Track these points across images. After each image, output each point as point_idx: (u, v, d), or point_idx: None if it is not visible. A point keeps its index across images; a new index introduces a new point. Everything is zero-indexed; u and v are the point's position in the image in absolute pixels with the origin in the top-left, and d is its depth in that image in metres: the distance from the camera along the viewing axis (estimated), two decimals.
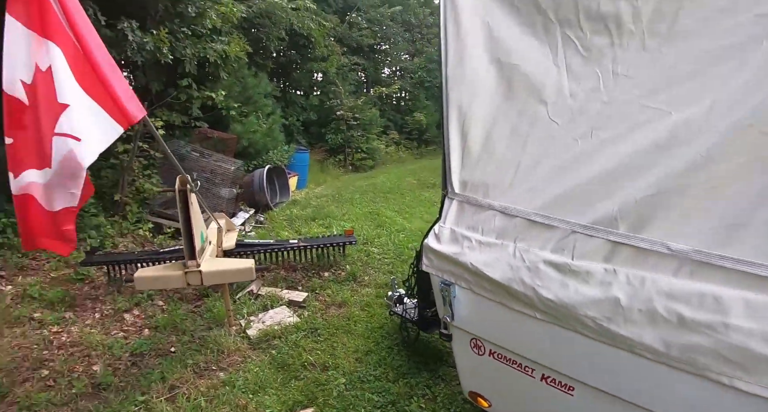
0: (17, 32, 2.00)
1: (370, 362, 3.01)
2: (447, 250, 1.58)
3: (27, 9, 2.04)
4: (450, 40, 1.60)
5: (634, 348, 1.11)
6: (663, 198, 1.08)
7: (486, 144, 1.54)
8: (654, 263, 1.09)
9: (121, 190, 5.88)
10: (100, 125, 2.31)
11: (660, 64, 1.16)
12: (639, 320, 1.08)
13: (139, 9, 5.93)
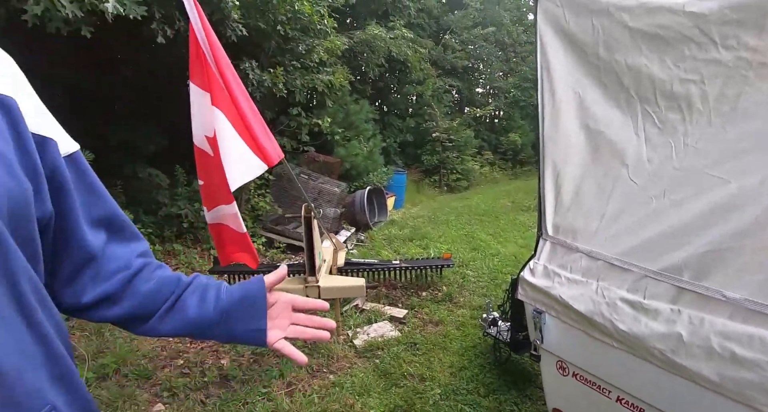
0: (198, 95, 2.54)
1: (464, 377, 3.30)
2: (540, 283, 1.87)
3: (201, 75, 2.58)
4: (546, 106, 1.90)
5: (693, 378, 1.34)
6: (720, 254, 1.31)
7: (576, 196, 1.82)
8: (712, 307, 1.32)
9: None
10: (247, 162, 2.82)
11: (723, 140, 1.40)
12: (698, 354, 1.32)
13: (255, 48, 6.65)
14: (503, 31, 18.43)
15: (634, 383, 1.63)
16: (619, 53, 1.64)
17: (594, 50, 1.73)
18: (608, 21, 1.66)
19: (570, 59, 1.85)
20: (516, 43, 19.36)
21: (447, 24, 17.11)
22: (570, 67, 1.84)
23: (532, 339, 2.09)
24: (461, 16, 17.11)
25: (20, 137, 0.72)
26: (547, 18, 1.93)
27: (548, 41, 1.92)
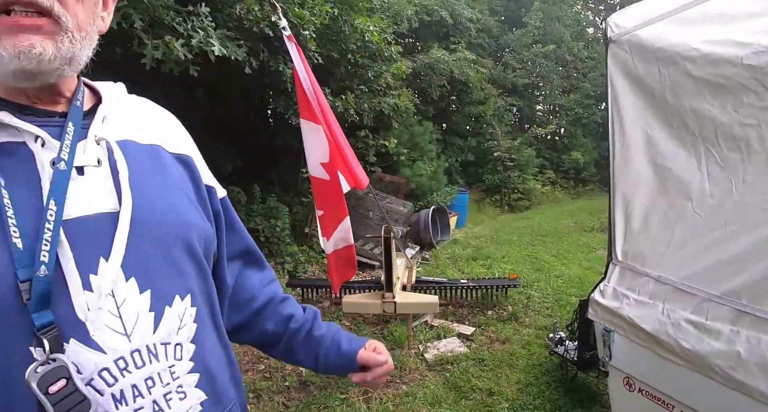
0: (308, 128, 2.88)
1: (531, 393, 3.44)
2: (609, 304, 2.05)
3: (308, 110, 2.92)
4: (617, 143, 2.10)
5: (750, 393, 1.49)
6: None
7: (644, 225, 2.00)
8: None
9: (310, 224, 7.01)
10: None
11: None
12: (755, 371, 1.46)
13: (326, 75, 7.06)
14: (563, 47, 18.29)
15: (696, 398, 1.78)
16: (684, 98, 1.83)
17: (661, 94, 1.92)
18: (674, 69, 1.85)
19: (638, 101, 2.04)
20: (577, 60, 19.13)
21: (507, 43, 17.24)
22: (639, 108, 2.04)
23: (601, 356, 2.26)
24: (521, 35, 17.20)
25: (199, 188, 0.91)
26: (617, 62, 2.13)
27: (618, 83, 2.12)
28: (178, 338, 0.76)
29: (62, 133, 0.73)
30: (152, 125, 0.89)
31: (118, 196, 0.73)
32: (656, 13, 2.00)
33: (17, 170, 0.68)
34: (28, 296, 0.62)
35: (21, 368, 0.62)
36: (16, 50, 0.64)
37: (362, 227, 7.27)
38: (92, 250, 0.69)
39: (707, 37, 1.75)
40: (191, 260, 0.81)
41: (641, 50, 2.00)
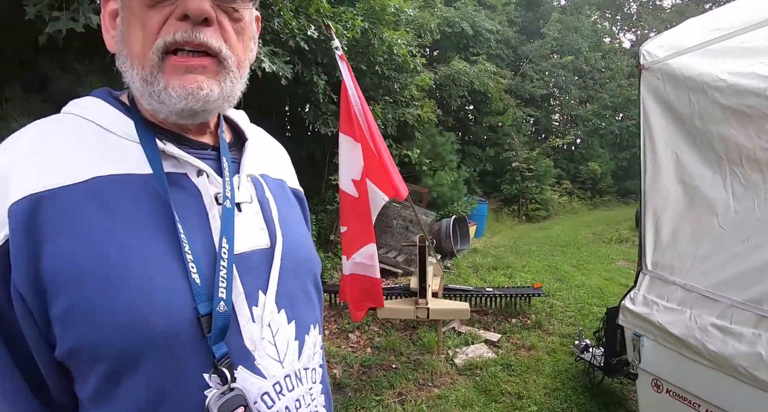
0: (346, 142, 3.08)
1: (558, 397, 3.60)
2: (640, 310, 2.23)
3: (349, 125, 3.11)
4: (648, 163, 2.29)
5: None
6: None
7: (673, 238, 2.18)
8: None
9: (335, 231, 7.22)
10: (372, 199, 3.30)
11: None
12: None
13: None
14: (581, 58, 18.44)
15: (721, 397, 1.95)
16: (712, 124, 2.01)
17: (690, 119, 2.11)
18: (702, 97, 2.03)
19: (669, 124, 2.23)
20: (594, 70, 19.24)
21: (525, 53, 17.41)
22: (669, 131, 2.22)
23: (631, 360, 2.43)
24: (539, 46, 17.37)
25: (307, 223, 0.97)
26: (649, 88, 2.32)
27: (650, 108, 2.31)
28: (313, 363, 0.82)
29: (220, 168, 0.77)
30: (275, 158, 0.96)
31: (270, 233, 0.79)
32: (686, 45, 2.19)
33: (188, 204, 0.71)
34: (209, 330, 0.65)
35: (195, 392, 0.65)
36: (185, 91, 0.67)
37: (384, 236, 7.47)
38: (253, 283, 0.73)
39: (733, 69, 1.93)
40: (316, 292, 0.88)
41: (672, 78, 2.19)
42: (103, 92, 0.78)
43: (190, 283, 0.65)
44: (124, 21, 0.68)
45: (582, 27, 18.91)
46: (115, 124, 0.71)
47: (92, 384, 0.65)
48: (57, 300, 0.61)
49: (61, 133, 0.69)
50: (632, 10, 24.92)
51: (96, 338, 0.62)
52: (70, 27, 2.21)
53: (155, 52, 0.65)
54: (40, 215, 0.62)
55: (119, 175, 0.68)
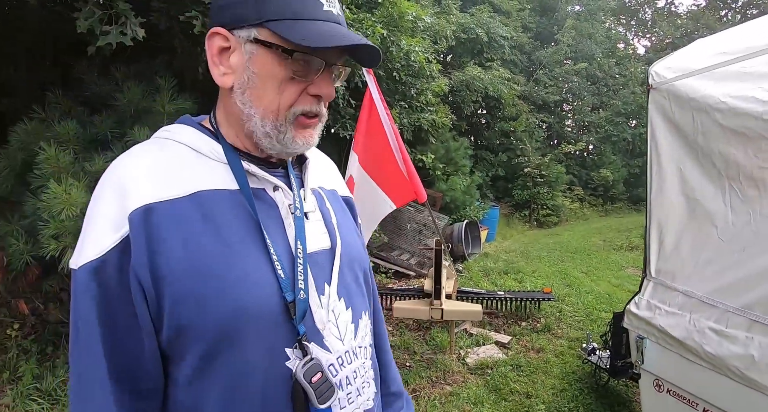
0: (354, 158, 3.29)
1: (565, 397, 3.75)
2: (643, 314, 2.38)
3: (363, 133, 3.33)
4: (654, 176, 2.44)
5: (762, 390, 1.80)
6: None
7: (675, 247, 2.33)
8: None
9: None
10: (376, 204, 3.49)
11: None
12: (766, 371, 1.79)
13: None
14: (594, 64, 18.44)
15: (717, 396, 2.09)
16: (713, 142, 2.16)
17: (693, 137, 2.26)
18: (705, 117, 2.18)
19: (674, 141, 2.38)
20: (608, 76, 19.22)
21: (539, 59, 17.48)
22: (674, 147, 2.37)
23: (634, 360, 2.58)
24: (553, 52, 17.41)
25: (357, 226, 1.12)
26: (656, 106, 2.47)
27: (657, 125, 2.47)
28: (365, 342, 0.97)
29: (290, 183, 0.92)
30: (327, 171, 1.10)
31: (331, 236, 0.95)
32: (693, 67, 2.34)
33: (269, 214, 0.87)
34: (294, 313, 0.81)
35: (280, 364, 0.81)
36: (304, 142, 0.87)
37: (398, 239, 7.65)
38: (320, 277, 0.89)
39: (734, 92, 2.08)
40: (365, 284, 1.04)
41: (678, 99, 2.34)
42: (189, 120, 0.94)
43: (277, 277, 0.82)
44: (258, 77, 0.82)
45: (596, 33, 18.92)
46: (206, 148, 0.87)
47: (191, 362, 0.78)
48: (171, 288, 0.76)
49: (166, 154, 0.85)
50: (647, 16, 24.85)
51: (203, 319, 0.76)
52: (119, 40, 2.41)
53: (290, 115, 0.84)
54: (154, 220, 0.77)
55: (215, 190, 0.83)
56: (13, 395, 3.22)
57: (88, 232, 0.79)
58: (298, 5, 0.80)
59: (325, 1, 0.82)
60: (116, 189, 0.79)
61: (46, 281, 3.20)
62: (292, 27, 0.78)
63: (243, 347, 0.79)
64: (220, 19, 0.83)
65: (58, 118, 3.12)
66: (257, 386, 0.80)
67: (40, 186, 2.64)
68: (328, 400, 0.83)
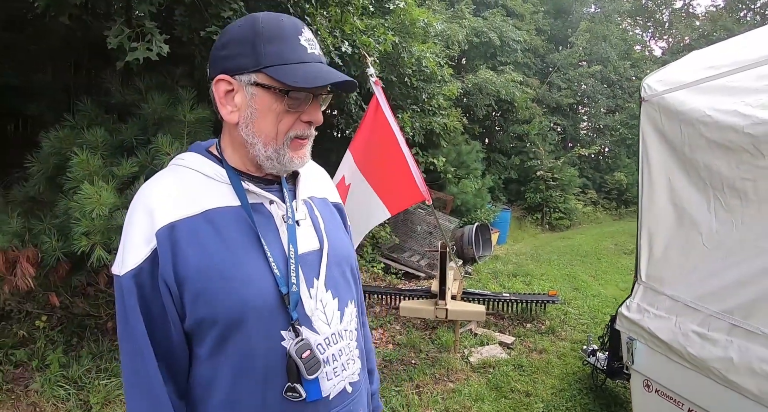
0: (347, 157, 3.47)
1: (564, 396, 3.87)
2: (633, 317, 2.51)
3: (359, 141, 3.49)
4: (645, 185, 2.57)
5: (741, 391, 1.92)
6: (762, 301, 1.91)
7: (664, 253, 2.46)
8: (754, 339, 1.91)
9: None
10: (370, 210, 3.65)
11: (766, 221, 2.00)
12: (744, 373, 1.90)
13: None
14: (609, 67, 18.29)
15: (701, 396, 2.22)
16: (699, 153, 2.28)
17: (681, 148, 2.38)
18: (692, 129, 2.31)
19: (663, 151, 2.50)
20: (623, 79, 19.04)
21: (553, 62, 17.44)
22: (663, 157, 2.50)
23: (625, 360, 2.71)
24: (567, 54, 17.35)
25: (346, 227, 1.33)
26: (648, 118, 2.60)
27: (648, 135, 2.60)
28: (350, 326, 1.17)
29: (283, 197, 1.11)
30: (318, 181, 1.29)
31: (319, 239, 1.14)
32: (682, 81, 2.46)
33: (266, 224, 1.07)
34: (288, 302, 1.02)
35: (278, 343, 1.01)
36: (300, 160, 1.08)
37: (409, 240, 7.80)
38: (310, 273, 1.09)
39: (718, 106, 2.20)
40: (352, 277, 1.24)
41: (667, 111, 2.47)
42: (199, 147, 1.14)
43: (274, 275, 1.02)
44: (259, 113, 1.01)
45: (611, 35, 18.80)
46: (211, 172, 1.07)
47: (208, 343, 1.02)
48: (190, 287, 0.98)
49: (181, 179, 1.06)
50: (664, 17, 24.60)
51: (215, 311, 0.99)
52: (146, 56, 2.62)
53: (287, 139, 1.04)
54: (175, 235, 0.98)
55: (221, 207, 1.04)
56: (41, 381, 3.45)
57: (127, 246, 1.00)
58: (287, 53, 0.99)
59: (308, 45, 1.02)
60: (145, 211, 1.00)
61: (74, 276, 3.42)
62: (285, 71, 0.98)
63: (248, 331, 1.01)
64: (223, 66, 1.02)
65: (86, 125, 3.33)
66: (260, 361, 1.02)
67: (72, 188, 2.86)
68: (315, 372, 1.03)
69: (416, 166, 3.66)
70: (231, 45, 1.01)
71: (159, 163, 3.03)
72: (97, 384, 3.52)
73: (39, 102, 4.69)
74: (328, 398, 1.07)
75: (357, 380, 1.17)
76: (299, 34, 1.01)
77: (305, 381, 1.02)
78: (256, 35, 0.98)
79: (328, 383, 1.07)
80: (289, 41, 1.00)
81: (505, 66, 13.59)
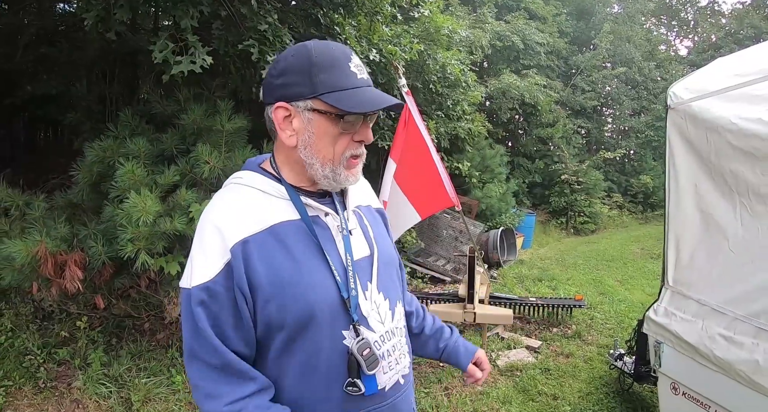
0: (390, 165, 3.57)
1: (591, 400, 3.90)
2: (661, 320, 2.56)
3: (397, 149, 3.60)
4: (672, 192, 2.62)
5: (767, 393, 1.98)
6: None
7: (691, 258, 2.51)
8: None
9: None
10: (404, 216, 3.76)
11: None
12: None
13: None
14: (634, 68, 18.08)
15: (727, 399, 2.27)
16: (725, 161, 2.33)
17: (707, 156, 2.43)
18: (718, 137, 2.35)
19: (690, 158, 2.55)
20: (648, 80, 18.77)
21: (576, 64, 17.30)
22: (690, 165, 2.55)
23: (652, 364, 2.75)
24: (590, 57, 17.19)
25: (388, 230, 1.42)
26: (674, 125, 2.66)
27: (674, 143, 2.65)
28: (400, 324, 1.28)
29: (336, 209, 1.21)
30: (361, 190, 1.38)
31: (369, 246, 1.25)
32: (708, 89, 2.51)
33: (324, 235, 1.16)
34: (349, 306, 1.12)
35: (339, 343, 1.11)
36: (354, 178, 1.18)
37: (435, 245, 7.87)
38: (364, 277, 1.20)
39: (744, 114, 2.25)
40: (398, 278, 1.37)
41: (693, 119, 2.52)
42: (254, 165, 1.23)
43: (336, 281, 1.13)
44: (316, 136, 1.11)
45: (635, 36, 18.58)
46: (271, 189, 1.16)
47: (277, 345, 1.11)
48: (261, 295, 1.08)
49: (244, 197, 1.16)
50: (689, 16, 24.17)
51: (285, 315, 1.08)
52: (190, 69, 2.77)
53: (343, 159, 1.14)
54: (248, 249, 1.08)
55: (284, 221, 1.13)
56: (84, 379, 3.62)
57: (198, 260, 1.09)
58: (341, 80, 1.09)
59: (358, 71, 1.11)
60: (215, 229, 1.09)
61: (117, 279, 3.58)
62: (340, 97, 1.07)
63: (313, 332, 1.11)
64: (280, 94, 1.12)
65: (128, 135, 3.49)
66: (324, 360, 1.12)
67: (117, 196, 3.02)
68: (374, 368, 1.13)
69: (446, 173, 3.76)
70: (287, 74, 1.10)
71: (199, 171, 3.17)
72: (137, 382, 3.67)
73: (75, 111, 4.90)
74: (384, 391, 1.18)
75: (407, 373, 1.28)
76: (349, 61, 1.10)
77: (364, 376, 1.12)
78: (311, 65, 1.07)
79: (384, 376, 1.18)
80: (341, 68, 1.09)
81: (528, 70, 13.57)
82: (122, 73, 5.64)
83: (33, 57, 5.78)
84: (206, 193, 3.17)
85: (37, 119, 6.95)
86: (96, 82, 5.42)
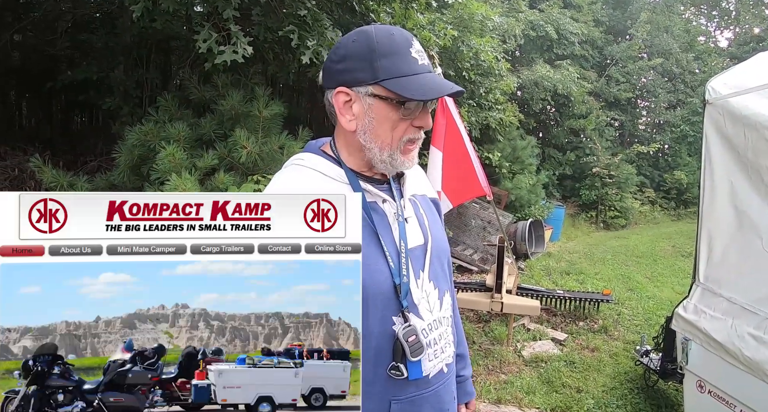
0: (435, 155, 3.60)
1: (615, 394, 3.91)
2: (690, 317, 2.56)
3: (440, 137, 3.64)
4: (706, 188, 2.60)
5: None
6: None
7: (723, 255, 2.49)
8: None
9: None
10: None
11: None
12: None
13: None
14: (671, 59, 17.54)
15: (753, 399, 2.26)
16: (762, 157, 2.30)
17: (744, 152, 2.40)
18: (755, 134, 2.32)
19: (726, 155, 2.53)
20: (686, 72, 18.18)
21: (611, 54, 16.88)
22: (726, 161, 2.52)
23: (679, 361, 2.75)
24: (626, 47, 16.72)
25: (442, 222, 1.43)
26: (711, 121, 2.63)
27: (711, 138, 2.62)
28: (447, 314, 1.28)
29: (393, 196, 1.21)
30: (417, 178, 1.38)
31: (424, 235, 1.25)
32: (747, 85, 2.47)
33: (381, 221, 1.16)
34: (399, 292, 1.12)
35: (389, 327, 1.12)
36: (411, 162, 1.18)
37: (463, 235, 7.88)
38: (417, 265, 1.20)
39: None
40: (447, 269, 1.35)
41: (731, 115, 2.49)
42: (315, 148, 1.24)
43: (389, 267, 1.14)
44: (376, 121, 1.12)
45: (673, 26, 17.99)
46: (333, 173, 1.18)
47: None
48: None
49: (305, 178, 1.18)
50: (731, 6, 23.24)
51: None
52: (233, 58, 2.84)
53: (400, 144, 1.14)
54: None
55: None
56: None
57: None
58: (402, 65, 1.09)
59: (418, 57, 1.11)
60: None
61: None
62: (401, 84, 1.08)
63: (366, 315, 1.11)
64: (341, 79, 1.13)
65: (168, 119, 3.60)
66: (372, 342, 1.13)
67: (158, 178, 3.12)
68: (418, 355, 1.14)
69: (479, 162, 3.79)
70: (348, 60, 1.11)
71: (237, 156, 3.26)
72: None
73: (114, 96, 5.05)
74: (428, 377, 1.19)
75: (451, 363, 1.30)
76: (410, 46, 1.10)
77: (408, 362, 1.13)
78: (371, 51, 1.08)
79: (429, 363, 1.19)
80: (402, 54, 1.09)
81: (562, 60, 13.34)
82: (156, 58, 5.77)
83: (70, 43, 5.96)
84: (243, 178, 3.25)
85: (74, 104, 7.16)
86: (132, 67, 5.58)
